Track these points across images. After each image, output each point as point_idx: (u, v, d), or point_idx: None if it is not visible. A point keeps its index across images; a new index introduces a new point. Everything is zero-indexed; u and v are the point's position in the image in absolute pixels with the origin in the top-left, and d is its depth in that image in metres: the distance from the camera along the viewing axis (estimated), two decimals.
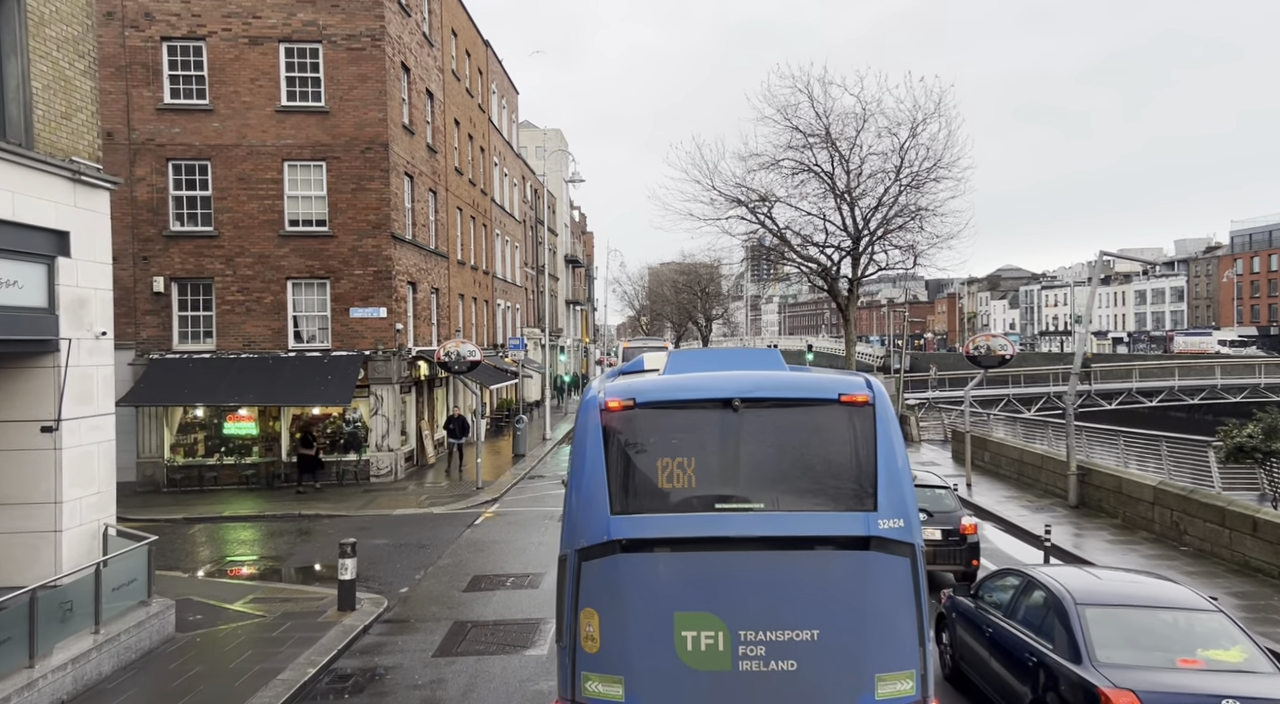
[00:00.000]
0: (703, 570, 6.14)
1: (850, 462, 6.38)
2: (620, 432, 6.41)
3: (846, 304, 36.01)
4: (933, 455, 31.14)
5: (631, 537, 6.17)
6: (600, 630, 6.22)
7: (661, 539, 6.17)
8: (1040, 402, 54.41)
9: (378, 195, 24.91)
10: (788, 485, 6.34)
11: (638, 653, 6.12)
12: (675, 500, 6.27)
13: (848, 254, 35.77)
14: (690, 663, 6.07)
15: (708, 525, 6.15)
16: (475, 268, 36.69)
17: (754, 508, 6.22)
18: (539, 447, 33.97)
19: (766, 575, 6.12)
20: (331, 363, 24.42)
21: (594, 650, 6.23)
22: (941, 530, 14.55)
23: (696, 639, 6.08)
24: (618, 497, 6.28)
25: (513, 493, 24.21)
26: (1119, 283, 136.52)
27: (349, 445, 25.51)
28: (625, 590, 6.17)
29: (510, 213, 45.46)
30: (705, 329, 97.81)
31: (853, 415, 6.42)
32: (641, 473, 6.38)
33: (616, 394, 6.51)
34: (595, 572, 6.26)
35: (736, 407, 6.35)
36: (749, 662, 6.05)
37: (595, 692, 6.20)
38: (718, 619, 6.08)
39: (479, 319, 37.50)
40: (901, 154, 34.38)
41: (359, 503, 22.28)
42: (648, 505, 6.26)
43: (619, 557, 6.17)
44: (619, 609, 6.17)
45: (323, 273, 24.87)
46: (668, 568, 6.19)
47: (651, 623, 6.11)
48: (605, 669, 6.19)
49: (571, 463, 6.75)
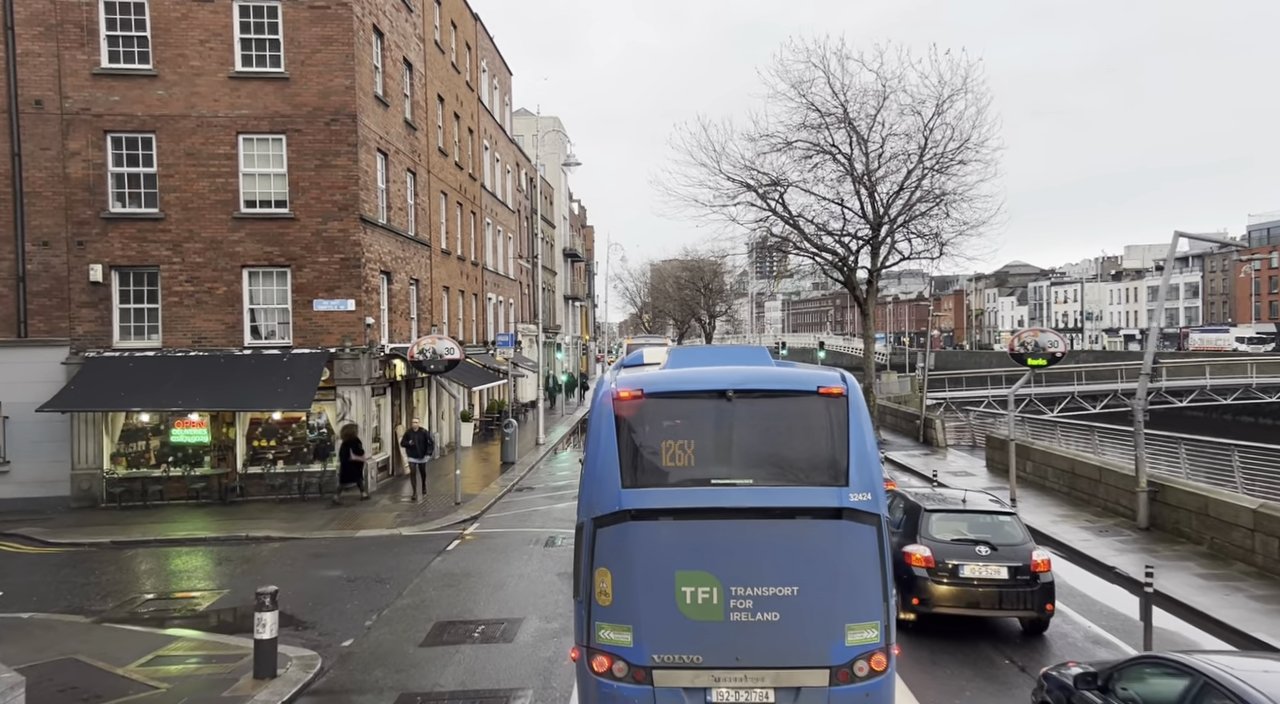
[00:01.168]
0: (700, 536, 7.06)
1: (826, 444, 7.30)
2: (630, 418, 7.29)
3: (865, 298, 33.20)
4: (964, 464, 28.30)
5: (639, 507, 7.04)
6: (612, 587, 7.09)
7: (665, 509, 7.07)
8: (1064, 402, 51.54)
9: (345, 173, 22.09)
10: (773, 464, 7.31)
11: (644, 605, 7.02)
12: (677, 477, 7.18)
13: (866, 243, 32.98)
14: (688, 614, 7.00)
15: (705, 498, 7.08)
16: (462, 258, 33.87)
17: (744, 483, 7.14)
18: (531, 452, 31.17)
19: (754, 540, 7.04)
20: (292, 362, 21.60)
21: (607, 604, 7.10)
22: (1008, 567, 11.76)
23: (694, 594, 7.00)
24: (627, 473, 7.14)
25: (496, 509, 21.40)
26: (1130, 279, 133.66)
27: (314, 454, 22.70)
28: (633, 553, 7.06)
29: (503, 201, 42.63)
30: (709, 326, 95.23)
31: (829, 405, 7.34)
32: (648, 453, 7.27)
33: (627, 385, 7.38)
34: (608, 537, 7.12)
35: (730, 397, 7.29)
36: (738, 613, 6.98)
37: (607, 639, 7.09)
38: (712, 577, 7.00)
39: (467, 314, 34.69)
40: (926, 133, 31.63)
41: (319, 521, 19.48)
42: (653, 480, 7.17)
43: (628, 524, 7.05)
44: (628, 568, 7.06)
45: (283, 260, 22.05)
46: (670, 534, 7.07)
47: (656, 580, 7.01)
48: (616, 619, 7.08)
49: (587, 444, 7.62)
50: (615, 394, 7.32)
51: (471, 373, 29.03)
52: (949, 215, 31.80)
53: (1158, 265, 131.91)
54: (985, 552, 11.90)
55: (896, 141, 32.32)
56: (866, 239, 32.83)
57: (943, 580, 11.82)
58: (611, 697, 7.09)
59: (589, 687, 7.25)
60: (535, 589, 14.16)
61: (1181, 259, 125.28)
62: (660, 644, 7.01)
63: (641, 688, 7.03)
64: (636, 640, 7.03)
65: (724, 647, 6.98)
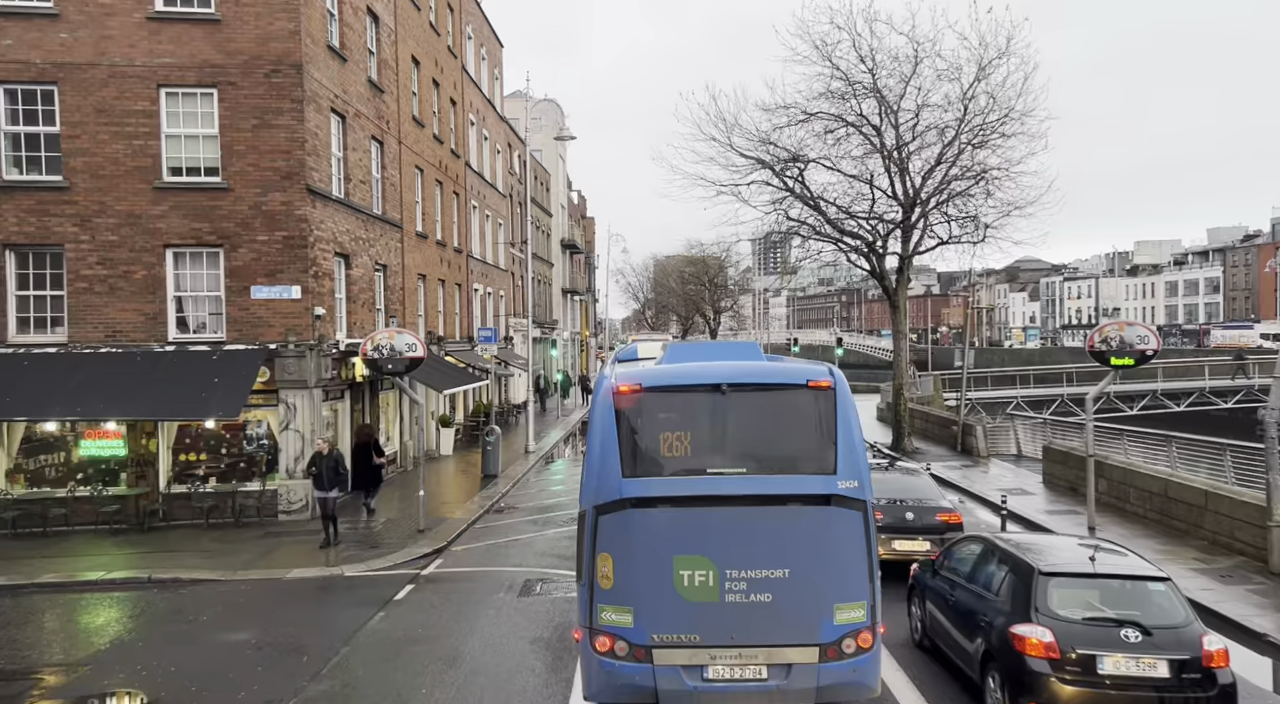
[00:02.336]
0: (697, 522, 7.48)
1: (815, 434, 7.70)
2: (629, 411, 7.70)
3: (895, 288, 29.51)
4: (1013, 478, 24.59)
5: (639, 495, 7.48)
6: (614, 571, 7.53)
7: (663, 497, 7.49)
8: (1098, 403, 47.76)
9: (288, 134, 18.46)
10: (765, 453, 7.70)
11: (644, 588, 7.47)
12: (674, 466, 7.60)
13: (896, 227, 29.28)
14: (686, 596, 7.44)
15: (701, 486, 7.50)
16: (443, 244, 30.25)
17: (738, 472, 7.56)
18: (518, 463, 27.56)
19: (748, 526, 7.48)
20: (224, 360, 18.01)
21: (608, 587, 7.53)
22: (1168, 661, 8.16)
23: (691, 577, 7.44)
24: (627, 463, 7.57)
25: (468, 537, 17.79)
26: (1147, 274, 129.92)
27: (251, 471, 19.11)
28: (634, 538, 7.50)
29: (492, 184, 39.00)
30: (713, 322, 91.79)
31: (818, 397, 7.76)
32: (646, 444, 7.68)
33: (626, 380, 7.79)
34: (609, 524, 7.54)
35: (724, 390, 7.71)
36: (733, 595, 7.43)
37: (609, 620, 7.53)
38: (708, 561, 7.43)
39: (449, 306, 31.07)
40: (965, 102, 27.89)
41: (246, 556, 15.87)
42: (652, 470, 7.59)
43: (629, 511, 7.50)
44: (628, 553, 7.51)
45: (214, 239, 18.45)
46: (668, 520, 7.49)
47: (655, 564, 7.46)
48: (617, 602, 7.51)
49: (589, 436, 7.92)
50: (615, 388, 7.70)
51: (448, 373, 25.41)
52: (990, 195, 28.11)
53: (1176, 260, 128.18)
54: (1134, 637, 8.28)
55: (931, 113, 28.64)
56: (896, 222, 29.16)
57: (1073, 678, 8.22)
58: (613, 674, 7.51)
59: (592, 665, 7.63)
60: (500, 666, 10.55)
61: (1201, 254, 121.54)
62: (659, 625, 7.44)
63: (642, 666, 7.46)
64: (637, 621, 7.45)
65: (719, 626, 7.41)
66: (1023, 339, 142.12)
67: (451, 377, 24.32)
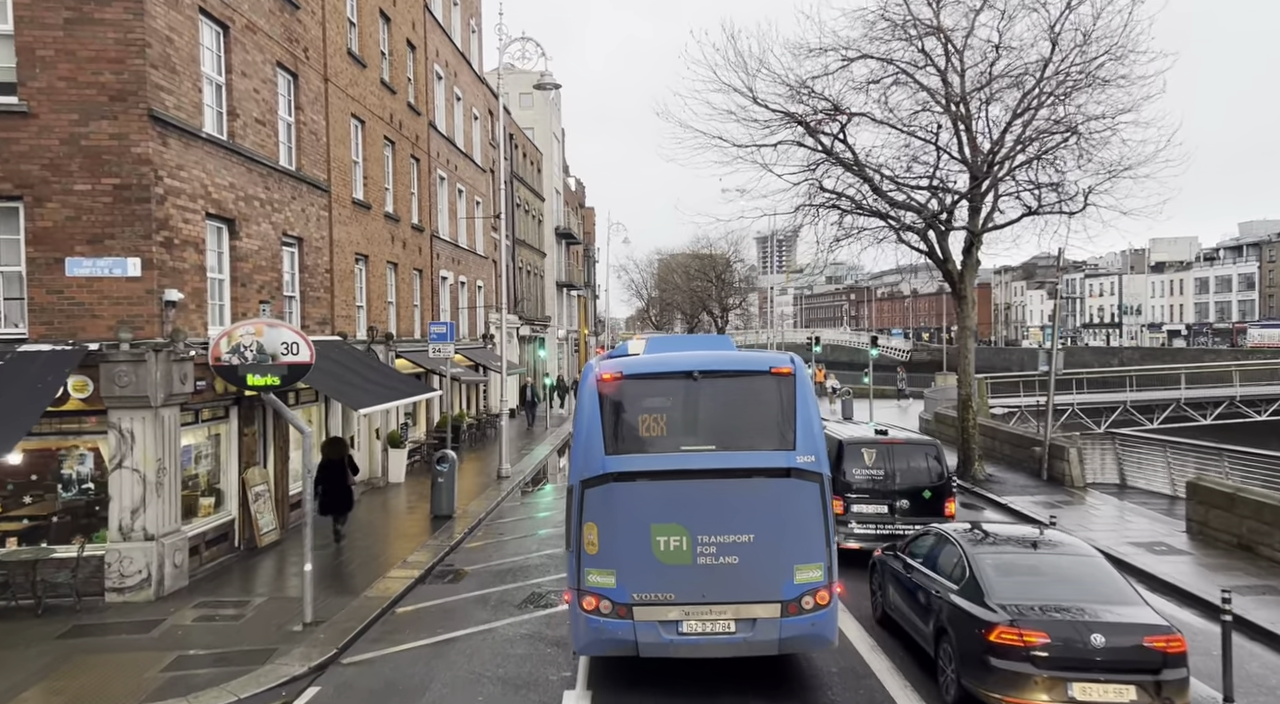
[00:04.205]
0: (672, 494, 8.65)
1: (777, 415, 8.91)
2: (611, 396, 8.90)
3: (961, 273, 23.50)
4: (1144, 523, 18.42)
5: (620, 471, 8.67)
6: (598, 538, 8.69)
7: (642, 472, 8.67)
8: (1168, 410, 41.77)
9: (120, 34, 12.51)
10: (732, 432, 8.90)
11: (625, 553, 8.63)
12: (652, 445, 8.83)
13: (962, 198, 23.28)
14: (662, 559, 8.60)
15: (675, 462, 8.70)
16: (395, 218, 24.29)
17: (708, 449, 8.75)
18: (486, 494, 21.60)
19: (717, 496, 8.63)
20: (13, 367, 12.06)
21: (594, 552, 8.69)
22: None
23: (667, 542, 8.60)
24: (610, 442, 8.77)
25: (380, 634, 11.74)
26: (1175, 270, 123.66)
27: (69, 527, 13.14)
28: (616, 509, 8.68)
29: (468, 155, 33.03)
30: (721, 320, 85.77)
31: (779, 383, 8.98)
32: (627, 425, 8.92)
33: (609, 368, 9.02)
34: (594, 496, 8.73)
35: (696, 377, 8.97)
36: (704, 557, 8.60)
37: (595, 582, 8.68)
38: (682, 528, 8.60)
39: (403, 296, 25.12)
40: (1053, 38, 21.91)
41: (23, 671, 9.89)
42: (632, 448, 8.79)
43: (611, 485, 8.67)
44: (611, 522, 8.68)
45: (9, 188, 12.51)
46: (646, 492, 8.65)
47: (634, 531, 8.63)
48: (601, 565, 8.67)
49: (575, 419, 9.20)
50: (599, 376, 8.95)
51: (386, 382, 19.38)
52: (1084, 156, 22.08)
53: (1206, 256, 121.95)
54: None
55: (1008, 57, 22.65)
56: (961, 193, 23.16)
57: None
58: (599, 630, 8.72)
59: (580, 623, 8.88)
60: None
61: (1233, 248, 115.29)
62: (639, 585, 8.61)
63: (623, 622, 8.65)
64: (619, 583, 8.62)
65: (692, 586, 8.61)
66: (1040, 339, 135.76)
67: (386, 387, 18.33)
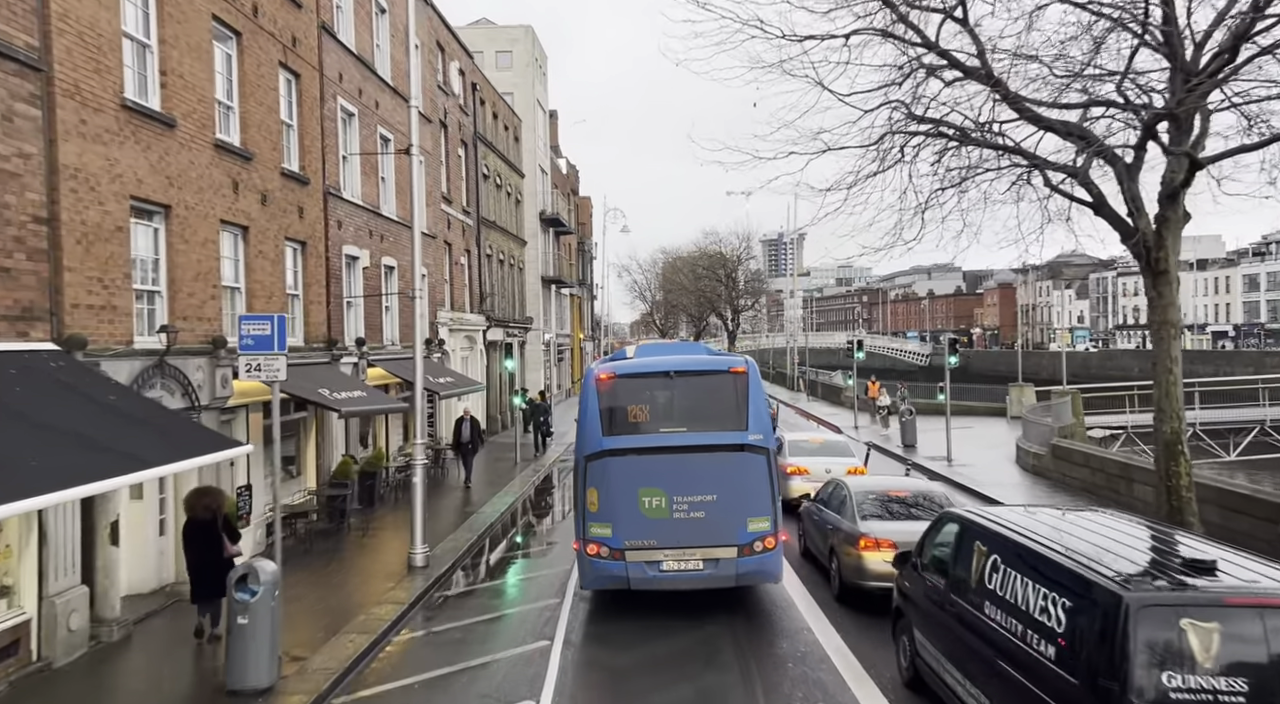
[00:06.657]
0: (653, 464, 11.69)
1: (733, 404, 12.03)
2: (606, 391, 12.09)
3: (1158, 234, 14.37)
4: None
5: (614, 448, 11.76)
6: (598, 499, 11.81)
7: (631, 449, 11.74)
8: None
9: None
10: (700, 417, 11.97)
11: (618, 510, 11.70)
12: (638, 428, 11.95)
13: (1165, 113, 14.18)
14: (647, 514, 11.64)
15: (656, 441, 11.77)
16: (245, 154, 15.39)
17: (681, 430, 11.87)
18: (374, 609, 12.62)
19: (688, 466, 11.68)
20: None
21: (595, 510, 11.82)
22: None
23: (651, 501, 11.64)
24: (605, 426, 11.91)
25: None
26: (1220, 267, 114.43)
27: None
28: (611, 477, 11.77)
29: (395, 89, 24.07)
30: (732, 323, 76.64)
31: (735, 380, 12.15)
32: (619, 413, 12.03)
33: (605, 370, 12.31)
34: (595, 468, 11.88)
35: (672, 376, 12.23)
36: (679, 512, 11.64)
37: (596, 533, 11.78)
38: (662, 491, 11.64)
39: (262, 281, 16.17)
40: None
41: None
42: (623, 430, 11.90)
43: (607, 459, 11.77)
44: (608, 487, 11.77)
45: None
46: (634, 464, 11.70)
47: (626, 494, 11.68)
48: (601, 520, 11.77)
49: (579, 411, 12.41)
50: (597, 376, 12.20)
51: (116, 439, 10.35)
52: None
53: (1255, 250, 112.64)
54: None
55: None
56: (1163, 110, 14.01)
57: None
58: (600, 570, 11.84)
59: (585, 565, 12.04)
60: None
61: None
62: (629, 534, 11.66)
63: (618, 562, 11.72)
64: (614, 533, 11.69)
65: (670, 534, 11.63)
66: (1069, 342, 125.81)
67: (96, 452, 9.25)
